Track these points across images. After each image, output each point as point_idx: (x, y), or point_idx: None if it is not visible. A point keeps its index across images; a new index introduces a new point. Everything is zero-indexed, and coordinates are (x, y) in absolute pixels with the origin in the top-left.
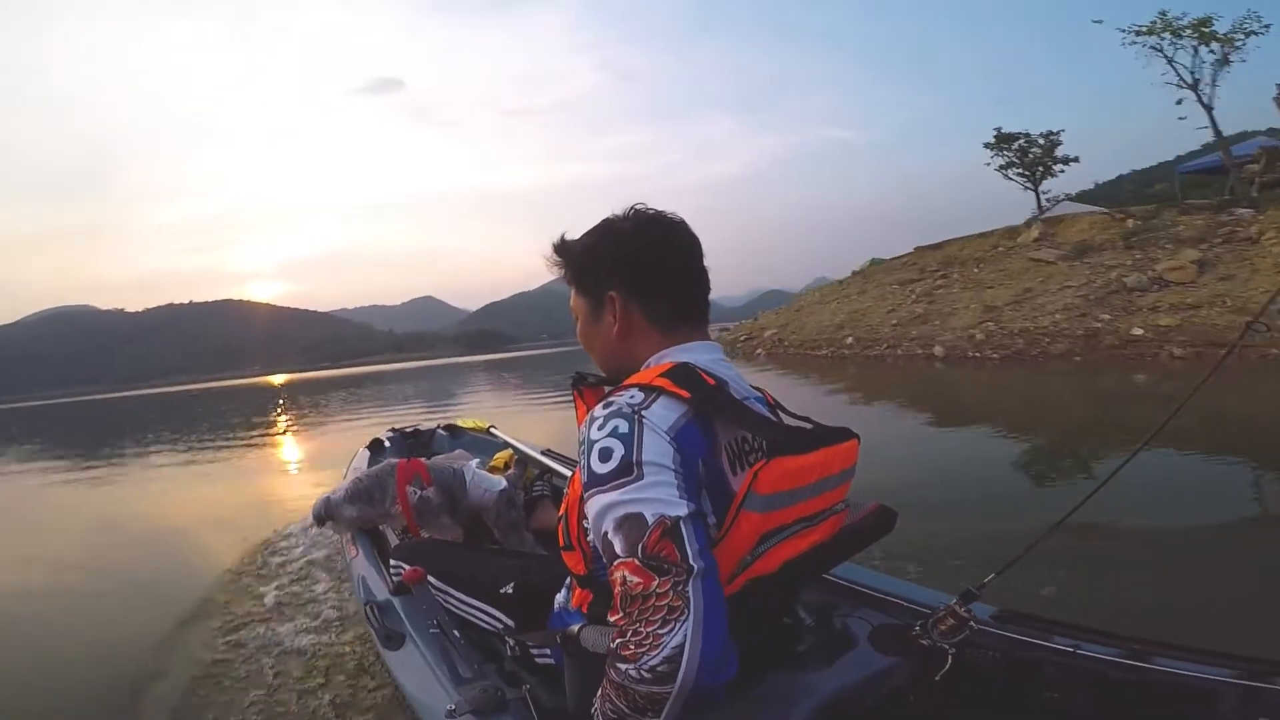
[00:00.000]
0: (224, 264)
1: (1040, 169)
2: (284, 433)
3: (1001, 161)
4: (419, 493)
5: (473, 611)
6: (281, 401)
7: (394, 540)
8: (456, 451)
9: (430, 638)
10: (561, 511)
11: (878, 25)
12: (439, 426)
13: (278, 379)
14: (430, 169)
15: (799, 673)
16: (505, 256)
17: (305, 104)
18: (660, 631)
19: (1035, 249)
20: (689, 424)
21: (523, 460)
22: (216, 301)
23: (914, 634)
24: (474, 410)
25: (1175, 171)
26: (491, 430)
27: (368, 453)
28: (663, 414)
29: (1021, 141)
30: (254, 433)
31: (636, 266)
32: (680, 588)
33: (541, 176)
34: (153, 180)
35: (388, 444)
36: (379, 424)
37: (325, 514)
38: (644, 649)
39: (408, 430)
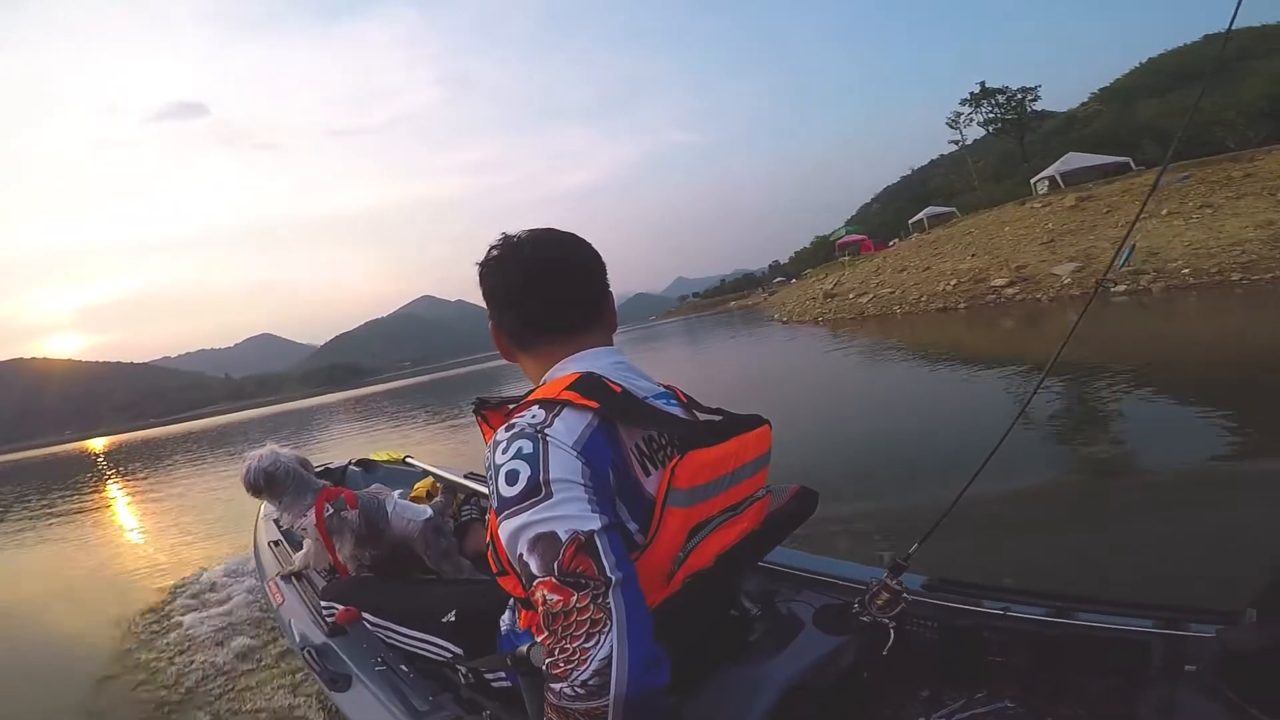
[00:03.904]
0: (4, 319)
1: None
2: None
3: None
4: (335, 511)
5: (417, 644)
6: (110, 469)
7: (320, 581)
8: (374, 486)
9: (378, 675)
10: (488, 539)
11: (716, 21)
12: (351, 462)
13: (97, 443)
14: (251, 197)
15: (753, 663)
16: (351, 284)
17: (89, 133)
18: (586, 645)
19: None
20: (594, 434)
21: (450, 487)
22: (2, 363)
23: (854, 612)
24: (376, 444)
25: None
26: (408, 460)
27: None
28: (566, 429)
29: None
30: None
31: (492, 299)
32: (600, 600)
33: (384, 196)
34: None
35: None
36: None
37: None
38: (572, 665)
39: (317, 469)
